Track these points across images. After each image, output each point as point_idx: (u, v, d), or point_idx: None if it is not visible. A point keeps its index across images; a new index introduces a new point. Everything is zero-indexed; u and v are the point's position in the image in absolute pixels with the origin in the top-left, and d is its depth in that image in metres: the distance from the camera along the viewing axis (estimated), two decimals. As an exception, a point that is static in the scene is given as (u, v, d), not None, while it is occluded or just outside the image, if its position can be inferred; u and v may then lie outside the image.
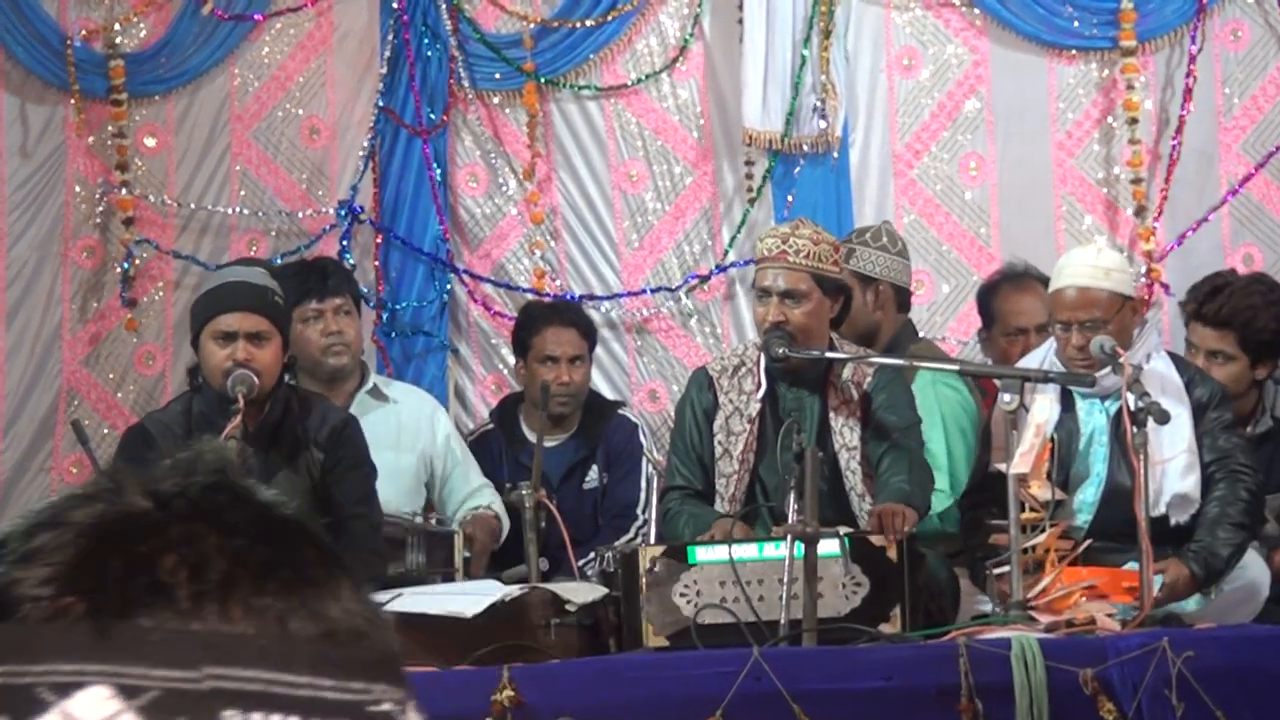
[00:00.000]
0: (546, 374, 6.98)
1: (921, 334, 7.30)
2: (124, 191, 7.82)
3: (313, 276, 6.90)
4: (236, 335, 5.75)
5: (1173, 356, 6.20)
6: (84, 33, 7.83)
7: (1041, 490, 5.47)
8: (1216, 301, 6.41)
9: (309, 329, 6.78)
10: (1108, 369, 5.91)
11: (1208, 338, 6.43)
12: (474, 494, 6.93)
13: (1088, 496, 6.00)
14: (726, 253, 7.92)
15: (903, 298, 7.03)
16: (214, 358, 5.76)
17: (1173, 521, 5.87)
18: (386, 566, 5.96)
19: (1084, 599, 5.45)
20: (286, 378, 5.92)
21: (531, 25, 8.00)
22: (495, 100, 8.05)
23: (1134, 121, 7.83)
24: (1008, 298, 7.11)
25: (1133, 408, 5.57)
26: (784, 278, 6.13)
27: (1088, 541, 5.72)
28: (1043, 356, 6.19)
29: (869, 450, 6.11)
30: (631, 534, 6.92)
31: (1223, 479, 5.90)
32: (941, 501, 6.39)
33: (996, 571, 5.62)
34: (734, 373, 6.25)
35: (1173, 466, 5.83)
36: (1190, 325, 6.52)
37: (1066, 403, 6.02)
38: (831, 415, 6.14)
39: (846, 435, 6.12)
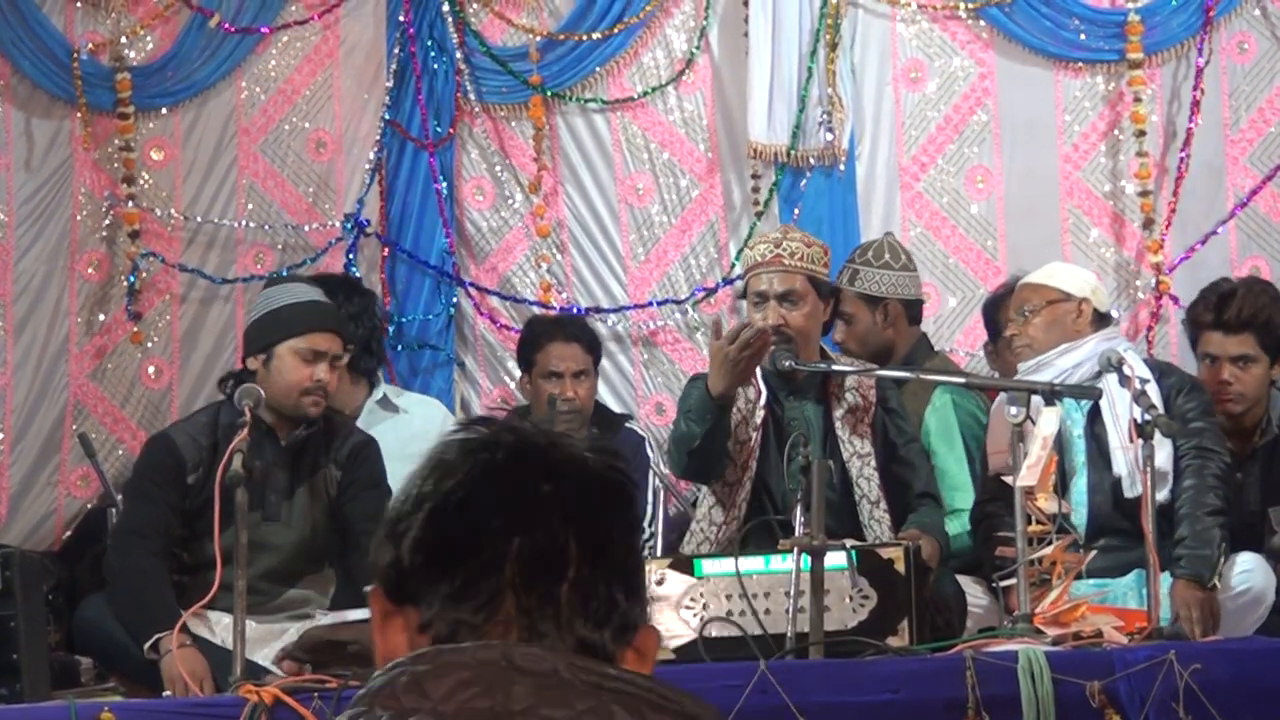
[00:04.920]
0: (551, 389, 6.97)
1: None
2: (130, 205, 7.83)
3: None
4: (323, 356, 5.77)
5: (1145, 360, 6.32)
6: (91, 46, 7.84)
7: (1048, 503, 5.47)
8: (1233, 306, 6.42)
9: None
10: (1063, 348, 6.17)
11: (1231, 344, 6.42)
12: None
13: (1079, 490, 6.10)
14: (733, 266, 7.91)
15: (913, 311, 7.02)
16: (296, 373, 5.77)
17: (1156, 498, 5.91)
18: None
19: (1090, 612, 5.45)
20: None
21: (538, 38, 8.01)
22: (501, 113, 8.06)
23: (1141, 134, 7.83)
24: (1009, 311, 7.10)
25: (1139, 421, 5.59)
26: (780, 280, 6.13)
27: (1093, 552, 5.74)
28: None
29: (892, 468, 6.12)
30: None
31: (1189, 465, 5.99)
32: (965, 523, 6.40)
33: (1004, 584, 5.62)
34: None
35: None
36: (1205, 336, 6.47)
37: (1049, 401, 6.05)
38: (838, 425, 6.14)
39: (856, 444, 6.12)
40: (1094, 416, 6.16)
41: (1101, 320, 6.33)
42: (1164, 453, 5.94)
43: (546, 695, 1.59)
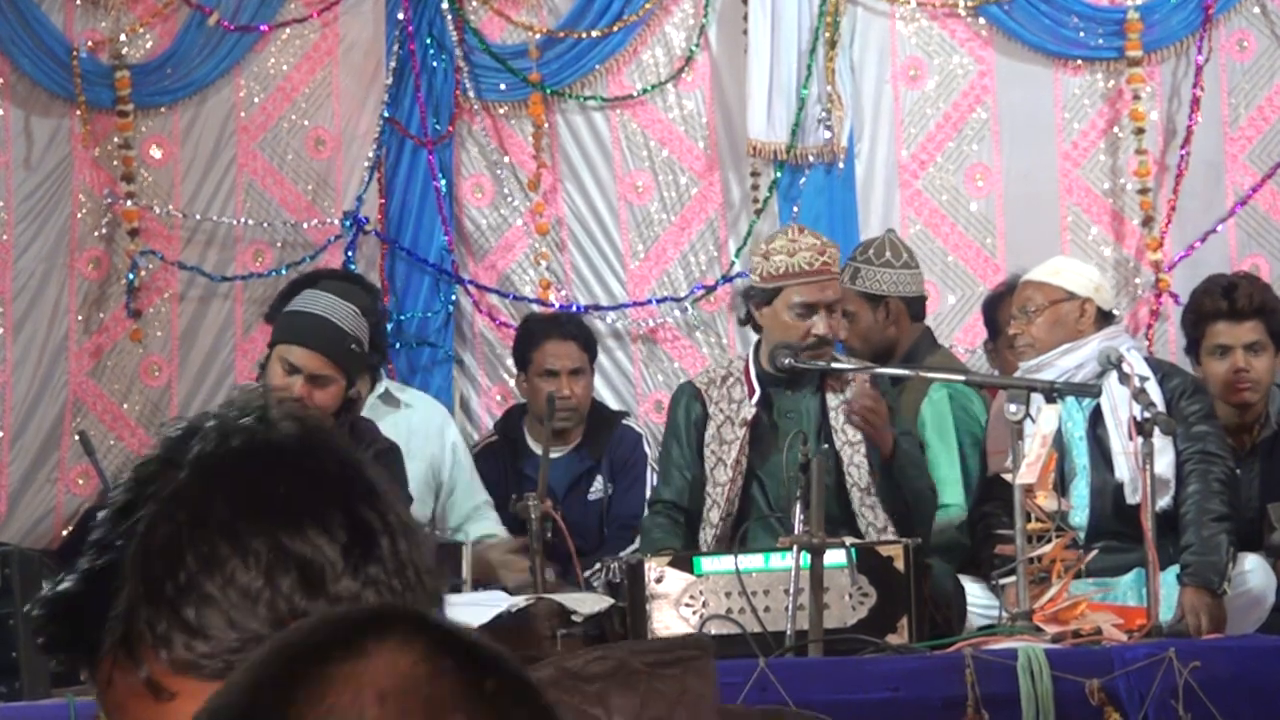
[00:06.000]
0: (548, 387, 6.97)
1: (932, 344, 7.28)
2: (130, 203, 7.83)
3: None
4: (299, 371, 5.77)
5: (1146, 358, 6.29)
6: (90, 44, 7.84)
7: (1047, 500, 5.47)
8: (1241, 293, 6.42)
9: None
10: (1065, 348, 6.12)
11: (1242, 332, 6.41)
12: (477, 512, 6.93)
13: (1080, 493, 6.08)
14: (732, 264, 7.91)
15: (915, 307, 7.01)
16: (274, 380, 5.78)
17: (1157, 506, 5.89)
18: None
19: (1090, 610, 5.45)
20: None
21: (537, 36, 8.01)
22: (501, 111, 8.06)
23: (1140, 132, 7.82)
24: (1012, 309, 7.10)
25: (1138, 419, 5.58)
26: (831, 289, 6.14)
27: (1093, 552, 5.73)
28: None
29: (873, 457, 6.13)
30: (637, 544, 6.91)
31: (1193, 470, 5.95)
32: (957, 514, 6.40)
33: (1003, 582, 5.62)
34: (722, 383, 6.26)
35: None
36: (1214, 328, 6.43)
37: (1049, 399, 6.03)
38: (831, 414, 6.15)
39: (849, 432, 6.12)
40: (1096, 419, 6.13)
41: (1105, 319, 6.28)
42: (1165, 460, 5.92)
43: None
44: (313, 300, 5.94)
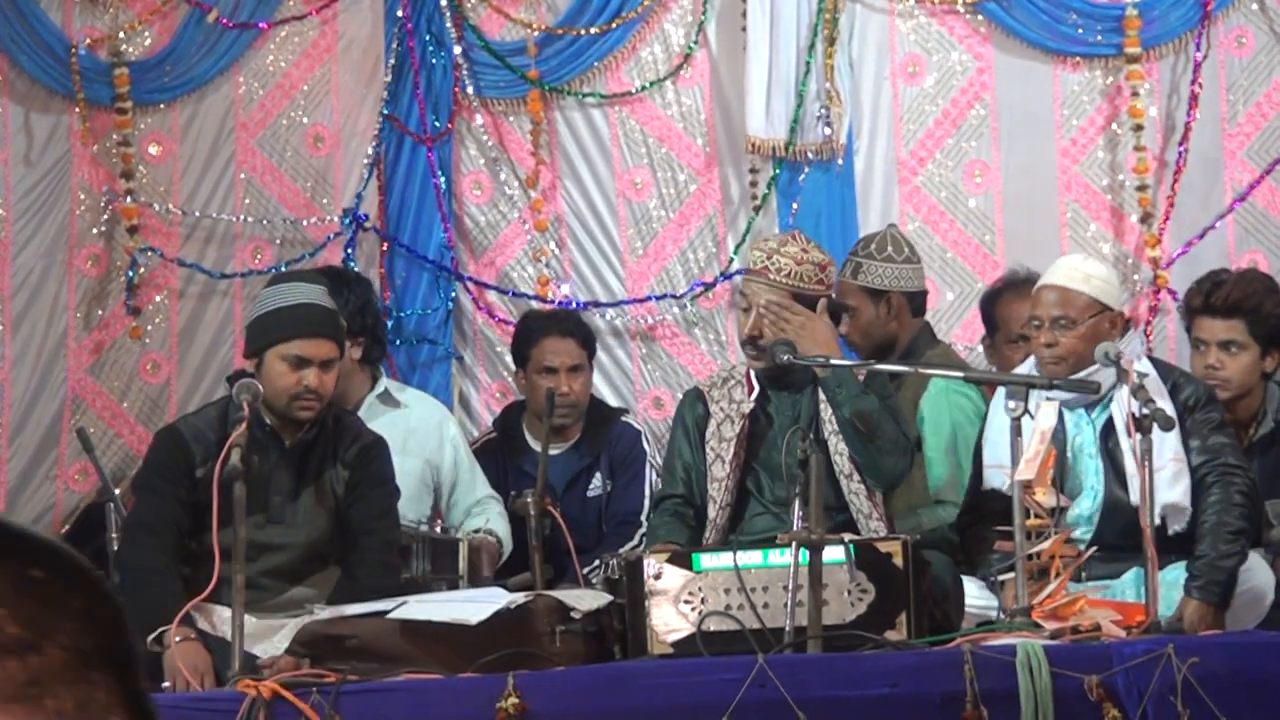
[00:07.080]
0: (546, 384, 6.97)
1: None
2: (129, 199, 7.83)
3: None
4: (310, 362, 5.77)
5: (1155, 362, 6.22)
6: (89, 41, 7.84)
7: (1046, 497, 5.46)
8: (1223, 290, 6.41)
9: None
10: (1096, 367, 5.94)
11: (1218, 329, 6.40)
12: (478, 505, 6.93)
13: (1084, 510, 6.00)
14: (731, 260, 7.91)
15: (916, 303, 7.01)
16: (283, 379, 5.77)
17: (1170, 531, 5.87)
18: (399, 580, 5.97)
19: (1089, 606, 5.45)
20: None
21: (536, 33, 8.01)
22: (499, 108, 8.06)
23: (1139, 128, 7.83)
24: (1010, 305, 7.10)
25: (1137, 414, 5.57)
26: (767, 293, 6.15)
27: (1093, 549, 5.72)
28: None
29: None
30: (635, 541, 6.92)
31: (1215, 482, 5.89)
32: (950, 512, 6.40)
33: (1002, 579, 5.62)
34: (723, 384, 6.33)
35: (1161, 476, 5.78)
36: (1197, 322, 6.46)
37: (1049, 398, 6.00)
38: (821, 407, 6.16)
39: (834, 422, 6.15)
40: (1107, 432, 6.06)
41: (1126, 327, 6.22)
42: (1181, 486, 5.89)
43: None
44: (291, 292, 5.95)
